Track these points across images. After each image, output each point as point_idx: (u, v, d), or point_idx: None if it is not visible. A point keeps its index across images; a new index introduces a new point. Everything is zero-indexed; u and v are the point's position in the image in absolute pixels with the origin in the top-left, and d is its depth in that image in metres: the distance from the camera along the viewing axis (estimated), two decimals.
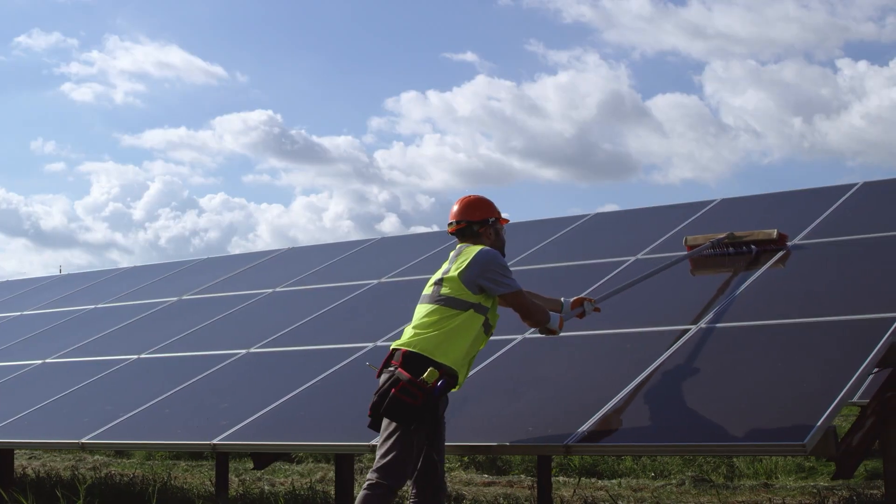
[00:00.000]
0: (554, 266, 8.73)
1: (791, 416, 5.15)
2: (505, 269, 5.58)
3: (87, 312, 11.65)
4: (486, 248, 5.62)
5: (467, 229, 5.77)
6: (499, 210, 5.88)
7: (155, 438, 7.29)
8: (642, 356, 6.34)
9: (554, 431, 5.69)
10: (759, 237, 7.63)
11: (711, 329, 6.50)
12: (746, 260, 7.59)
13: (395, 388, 5.20)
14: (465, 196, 5.89)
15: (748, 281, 7.12)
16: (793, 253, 7.52)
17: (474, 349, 5.56)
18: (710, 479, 12.13)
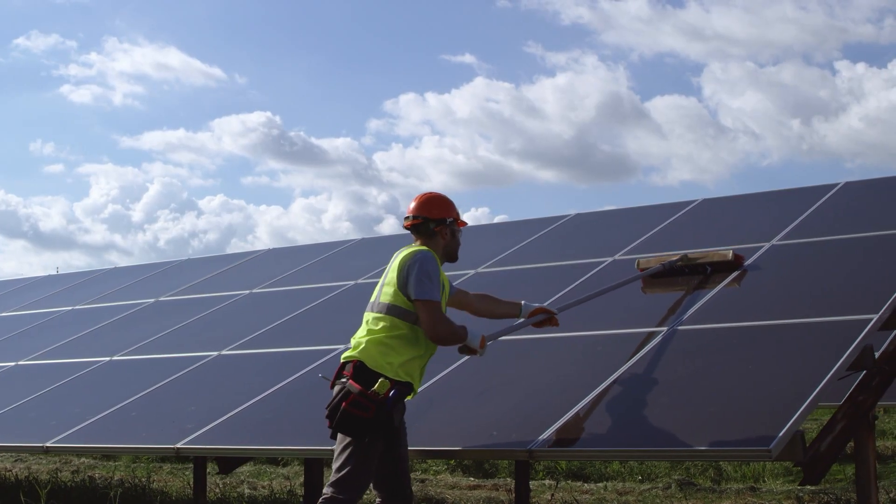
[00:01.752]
0: (530, 267, 8.62)
1: (758, 421, 5.03)
2: (429, 275, 5.34)
3: (64, 314, 11.55)
4: (421, 250, 5.44)
5: (423, 226, 5.58)
6: (458, 212, 5.73)
7: (119, 442, 7.19)
8: (612, 359, 6.22)
9: (518, 436, 5.57)
10: (714, 258, 7.28)
11: (683, 331, 6.38)
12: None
13: (345, 402, 5.06)
14: (426, 192, 5.71)
15: (722, 283, 7.00)
16: (764, 258, 7.39)
17: (426, 356, 5.43)
18: (696, 483, 12.04)
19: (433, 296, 5.29)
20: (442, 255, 5.60)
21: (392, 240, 11.06)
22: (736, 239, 7.86)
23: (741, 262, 7.23)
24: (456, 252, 5.70)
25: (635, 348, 6.27)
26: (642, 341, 6.36)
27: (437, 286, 5.33)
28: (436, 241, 5.57)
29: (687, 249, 7.95)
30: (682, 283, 7.20)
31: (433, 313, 5.27)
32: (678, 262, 7.33)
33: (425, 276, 5.31)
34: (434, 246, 5.55)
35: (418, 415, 6.20)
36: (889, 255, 6.84)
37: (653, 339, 6.34)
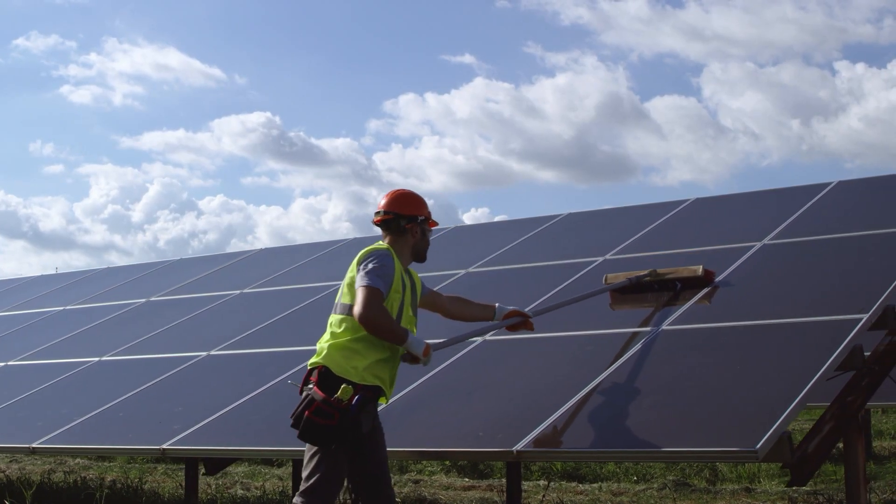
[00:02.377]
0: (521, 267, 8.57)
1: (745, 422, 4.99)
2: (378, 268, 5.15)
3: (56, 314, 11.50)
4: (377, 248, 5.29)
5: (393, 222, 5.41)
6: (430, 211, 5.57)
7: (106, 443, 7.16)
8: (601, 359, 6.18)
9: (505, 436, 5.52)
10: (683, 274, 6.97)
11: (671, 331, 6.34)
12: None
13: (308, 410, 4.93)
14: (398, 189, 5.60)
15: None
16: (752, 259, 7.35)
17: (395, 357, 5.26)
18: (691, 484, 12.00)
19: (375, 283, 5.09)
20: (410, 254, 5.45)
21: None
22: (727, 238, 7.83)
23: (711, 279, 6.96)
24: (425, 252, 5.53)
25: (624, 348, 6.23)
26: (631, 341, 6.31)
27: (384, 280, 5.13)
28: (405, 239, 5.42)
29: (681, 249, 7.93)
30: (651, 299, 6.96)
31: (368, 297, 5.06)
32: (646, 278, 7.07)
33: (374, 268, 5.14)
34: (403, 244, 5.41)
35: (406, 416, 6.17)
36: (881, 255, 6.80)
37: (641, 339, 6.29)
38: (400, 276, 5.25)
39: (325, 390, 4.96)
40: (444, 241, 10.15)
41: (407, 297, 5.32)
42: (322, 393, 4.94)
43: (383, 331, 5.09)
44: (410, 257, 5.46)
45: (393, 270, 5.20)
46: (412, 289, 5.42)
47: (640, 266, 7.80)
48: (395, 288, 5.21)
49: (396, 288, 5.22)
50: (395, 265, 5.24)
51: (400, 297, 5.25)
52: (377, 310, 5.06)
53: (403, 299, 5.28)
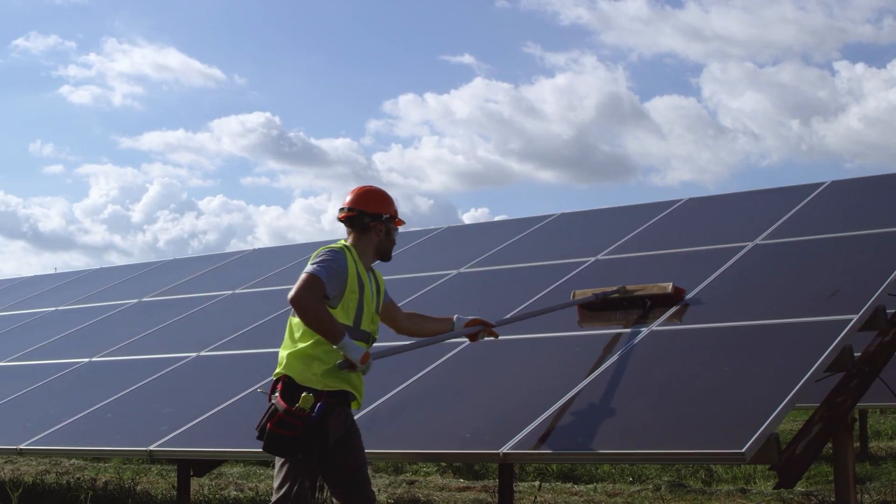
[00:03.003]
0: (512, 267, 8.54)
1: (732, 423, 4.96)
2: (325, 259, 4.97)
3: (48, 314, 11.47)
4: (331, 247, 5.08)
5: (357, 219, 5.22)
6: (396, 209, 5.39)
7: (94, 444, 7.12)
8: (590, 360, 6.14)
9: (492, 438, 5.49)
10: (652, 291, 6.72)
11: (661, 332, 6.30)
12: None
13: (270, 422, 4.81)
14: (364, 185, 5.38)
15: (703, 284, 6.91)
16: (743, 259, 7.30)
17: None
18: (686, 485, 11.96)
19: (316, 272, 4.88)
20: (374, 252, 5.26)
21: None
22: (720, 238, 7.80)
23: (682, 296, 6.72)
24: (389, 251, 5.34)
25: (613, 349, 6.19)
26: (620, 342, 6.27)
27: (328, 273, 4.91)
28: (368, 238, 5.24)
29: (672, 249, 7.90)
30: (620, 317, 6.74)
31: (304, 281, 4.86)
32: (614, 294, 6.83)
33: (320, 260, 4.96)
34: (366, 242, 5.23)
35: (393, 417, 6.14)
36: (872, 255, 6.77)
37: (631, 340, 6.25)
38: (356, 276, 5.06)
39: (289, 400, 4.82)
40: (436, 241, 10.12)
41: (367, 298, 5.14)
42: (284, 403, 4.81)
43: (312, 318, 4.83)
44: (374, 256, 5.28)
45: (344, 267, 5.00)
46: (376, 290, 5.27)
47: (631, 266, 7.79)
48: (351, 288, 5.03)
49: (352, 288, 5.03)
50: (350, 264, 5.04)
51: (357, 297, 5.06)
52: (310, 295, 4.83)
53: (363, 300, 5.09)
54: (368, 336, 5.18)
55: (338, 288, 4.96)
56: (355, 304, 5.05)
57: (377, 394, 6.39)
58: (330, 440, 4.85)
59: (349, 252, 5.11)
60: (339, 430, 4.93)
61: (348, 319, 5.02)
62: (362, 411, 6.23)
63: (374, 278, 5.29)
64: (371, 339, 5.21)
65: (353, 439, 5.12)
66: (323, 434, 4.80)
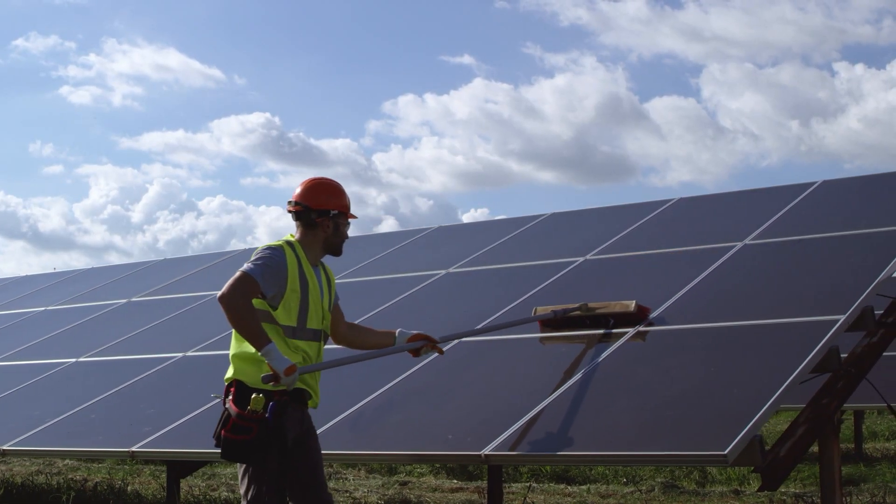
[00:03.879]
0: (501, 267, 8.48)
1: (716, 425, 4.92)
2: (261, 257, 4.79)
3: (37, 314, 11.43)
4: (271, 245, 4.89)
5: (304, 214, 5.01)
6: (348, 203, 5.14)
7: (76, 445, 7.07)
8: (573, 360, 6.08)
9: (474, 439, 5.44)
10: (615, 310, 6.43)
11: (647, 332, 6.25)
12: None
13: (224, 429, 4.66)
14: (314, 178, 5.15)
15: (691, 283, 6.86)
16: (731, 259, 7.25)
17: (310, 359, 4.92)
18: (680, 486, 11.92)
19: (250, 270, 4.71)
20: (322, 248, 5.05)
21: (366, 239, 10.94)
22: (709, 238, 7.75)
23: (645, 315, 6.43)
24: (339, 247, 5.11)
25: (598, 350, 6.13)
26: (606, 342, 6.22)
27: (263, 270, 4.74)
28: (315, 233, 5.02)
29: (661, 249, 7.85)
30: (583, 337, 6.48)
31: (235, 280, 4.70)
32: (576, 312, 6.56)
33: (256, 258, 4.79)
34: (313, 237, 5.02)
35: (376, 418, 6.10)
36: (861, 255, 6.71)
37: (617, 341, 6.20)
38: (298, 274, 4.87)
39: (241, 404, 4.65)
40: (426, 241, 10.08)
41: (314, 296, 4.94)
42: (237, 408, 4.65)
43: (235, 319, 4.67)
44: (322, 252, 5.08)
45: (282, 265, 4.81)
46: (328, 287, 5.10)
47: (620, 266, 7.75)
48: (292, 286, 4.83)
49: (293, 286, 4.83)
50: (289, 261, 4.85)
51: (299, 296, 4.86)
52: (238, 295, 4.67)
53: (307, 298, 4.90)
54: (319, 334, 5.00)
55: (276, 287, 4.79)
56: (297, 302, 4.85)
57: (361, 395, 6.35)
58: (289, 439, 4.72)
59: (290, 248, 4.90)
60: (296, 429, 4.80)
61: (291, 319, 4.84)
62: (345, 412, 6.19)
63: (323, 274, 5.11)
64: (324, 336, 5.05)
65: (309, 440, 4.97)
66: (280, 434, 4.66)
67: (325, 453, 5.85)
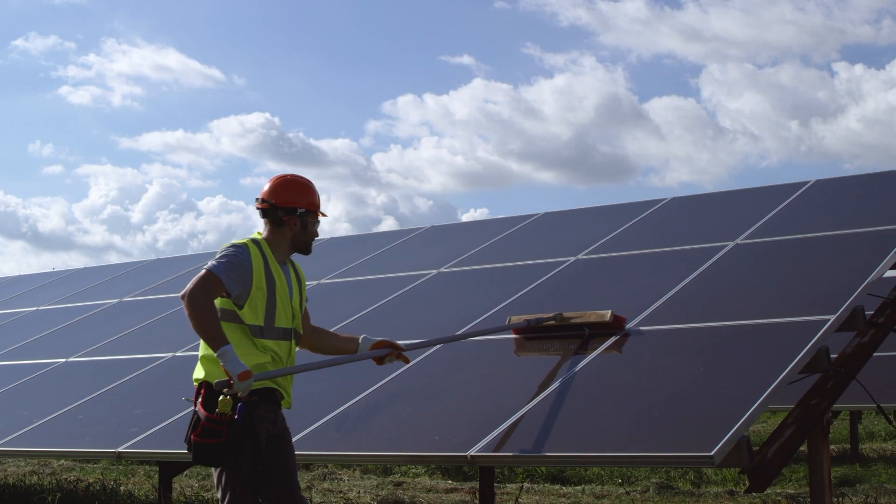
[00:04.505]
0: (492, 267, 8.44)
1: (702, 425, 4.88)
2: (226, 255, 4.70)
3: (28, 314, 11.39)
4: (236, 243, 4.79)
5: (271, 212, 4.93)
6: (317, 202, 5.08)
7: (63, 446, 7.02)
8: (562, 361, 6.04)
9: (460, 440, 5.41)
10: (590, 319, 6.26)
11: (637, 332, 6.20)
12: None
13: (193, 433, 4.54)
14: (283, 175, 5.07)
15: (681, 283, 6.81)
16: (722, 259, 7.21)
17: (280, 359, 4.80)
18: (675, 487, 11.89)
19: (213, 269, 4.61)
20: (289, 246, 4.97)
21: (359, 239, 10.90)
22: (701, 238, 7.70)
23: (621, 325, 6.25)
24: (307, 245, 5.04)
25: (587, 350, 6.08)
26: (594, 343, 6.17)
27: (227, 269, 4.64)
28: (282, 231, 4.94)
29: (653, 249, 7.81)
30: (558, 346, 6.32)
31: (198, 278, 4.60)
32: (551, 321, 6.38)
33: (221, 256, 4.69)
34: (280, 235, 4.94)
35: (363, 419, 6.05)
36: (853, 254, 6.66)
37: (605, 341, 6.15)
38: (264, 272, 4.77)
39: (210, 406, 4.53)
40: (418, 240, 10.04)
41: (281, 294, 4.84)
42: (206, 411, 4.52)
43: (194, 317, 4.53)
44: (289, 250, 4.99)
45: (247, 263, 4.71)
46: (297, 284, 5.01)
47: (611, 266, 7.71)
48: (258, 284, 4.73)
49: (259, 284, 4.73)
50: (255, 259, 4.75)
51: (265, 294, 4.75)
52: (201, 293, 4.56)
53: (275, 296, 4.79)
54: (290, 333, 4.89)
55: (241, 286, 4.69)
56: (264, 300, 4.75)
57: (348, 396, 6.31)
58: (261, 440, 4.63)
59: (255, 246, 4.81)
60: (268, 430, 4.71)
61: (258, 318, 4.74)
62: (332, 413, 6.15)
63: (293, 272, 5.03)
64: (295, 335, 4.94)
65: (282, 442, 4.87)
66: (252, 435, 4.56)
67: (310, 454, 5.87)
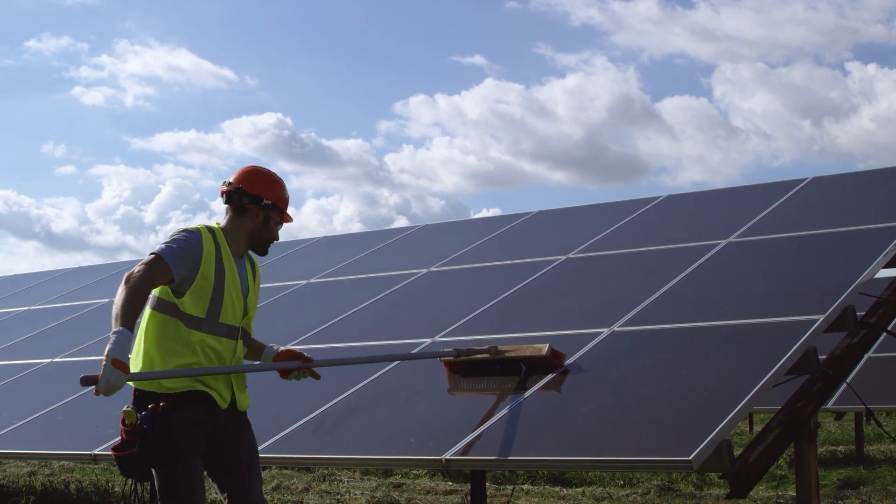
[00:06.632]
0: (482, 266, 8.30)
1: (683, 429, 4.75)
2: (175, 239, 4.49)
3: (20, 314, 11.29)
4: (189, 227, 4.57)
5: (235, 196, 4.71)
6: (285, 199, 4.92)
7: (40, 447, 6.93)
8: None
9: (436, 443, 5.28)
10: (526, 353, 5.74)
11: (624, 333, 6.06)
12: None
13: (112, 447, 4.35)
14: (256, 166, 4.91)
15: (671, 282, 6.67)
16: (714, 258, 7.05)
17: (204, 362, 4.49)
18: (676, 489, 11.76)
19: (161, 252, 4.40)
20: (247, 239, 4.73)
21: (354, 238, 10.78)
22: (694, 236, 7.56)
23: (559, 362, 5.75)
24: (265, 244, 4.81)
25: (571, 351, 5.93)
26: (577, 344, 6.02)
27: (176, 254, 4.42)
28: (242, 221, 4.72)
29: (645, 247, 7.69)
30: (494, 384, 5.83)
31: (147, 262, 4.37)
32: (484, 355, 5.85)
33: (170, 240, 4.50)
34: (239, 225, 4.71)
35: (341, 421, 5.95)
36: (846, 253, 6.51)
37: (590, 342, 6.01)
38: (214, 260, 4.53)
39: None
40: (410, 239, 9.92)
41: (231, 289, 4.58)
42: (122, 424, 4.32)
43: (118, 296, 4.29)
44: (247, 244, 4.76)
45: (197, 249, 4.48)
46: (251, 280, 4.77)
47: (602, 265, 7.57)
48: (204, 273, 4.48)
49: (206, 273, 4.48)
50: (206, 246, 4.52)
51: (212, 284, 4.50)
52: (142, 275, 4.31)
53: (223, 289, 4.54)
54: (236, 331, 4.63)
55: (186, 270, 4.45)
56: (209, 292, 4.50)
57: (325, 398, 6.19)
58: (183, 446, 4.35)
59: (208, 233, 4.59)
60: (195, 434, 4.42)
61: (199, 310, 4.48)
62: (308, 416, 6.02)
63: (248, 266, 4.80)
64: (243, 334, 4.70)
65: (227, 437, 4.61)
66: (166, 444, 4.28)
67: (286, 457, 5.74)
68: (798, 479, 5.31)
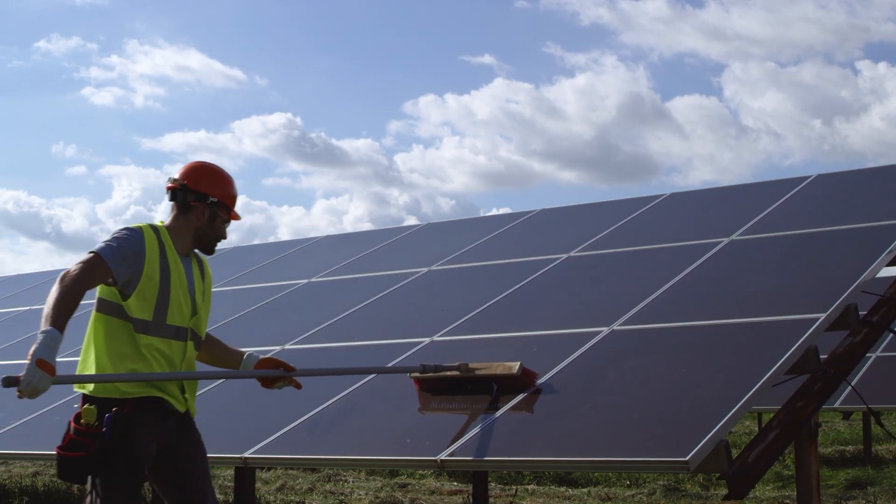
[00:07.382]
0: (483, 264, 8.24)
1: (680, 429, 4.67)
2: (115, 237, 4.30)
3: (22, 313, 11.27)
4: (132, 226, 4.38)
5: (180, 193, 4.54)
6: (234, 195, 4.65)
7: (34, 448, 6.88)
8: (542, 361, 5.81)
9: (432, 443, 5.22)
10: (497, 371, 5.57)
11: (623, 332, 5.99)
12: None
13: (58, 446, 4.15)
14: (204, 161, 4.69)
15: (672, 281, 6.59)
16: (715, 256, 6.98)
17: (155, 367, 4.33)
18: (682, 489, 11.69)
19: (99, 249, 4.22)
20: (192, 238, 4.56)
21: (356, 237, 10.73)
22: (696, 234, 7.49)
23: (531, 381, 5.55)
24: (212, 242, 4.62)
25: (570, 350, 5.87)
26: (578, 343, 5.96)
27: (117, 254, 4.24)
28: (187, 219, 4.54)
29: (647, 245, 7.61)
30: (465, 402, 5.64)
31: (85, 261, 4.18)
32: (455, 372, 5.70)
33: (110, 238, 4.31)
34: (184, 223, 4.54)
35: (337, 421, 5.90)
36: (849, 251, 6.42)
37: (589, 341, 5.94)
38: (158, 260, 4.36)
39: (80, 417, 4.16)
40: (412, 238, 9.87)
41: (178, 288, 4.42)
42: (75, 423, 4.15)
43: (54, 293, 4.12)
44: (192, 242, 4.58)
45: (139, 249, 4.31)
46: (200, 279, 4.60)
47: (602, 263, 7.50)
48: (149, 274, 4.30)
49: (150, 274, 4.30)
50: (148, 245, 4.35)
51: (157, 285, 4.32)
52: (75, 274, 4.13)
53: (168, 289, 4.37)
54: (185, 333, 4.45)
55: (129, 272, 4.27)
56: (154, 293, 4.32)
57: (320, 399, 6.13)
58: (139, 454, 4.20)
59: (151, 231, 4.41)
60: (150, 443, 4.28)
61: (146, 312, 4.30)
62: (303, 417, 5.96)
63: (195, 266, 4.63)
64: (193, 336, 4.52)
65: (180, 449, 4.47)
66: (126, 450, 4.12)
67: (283, 458, 5.69)
68: (798, 479, 5.24)
